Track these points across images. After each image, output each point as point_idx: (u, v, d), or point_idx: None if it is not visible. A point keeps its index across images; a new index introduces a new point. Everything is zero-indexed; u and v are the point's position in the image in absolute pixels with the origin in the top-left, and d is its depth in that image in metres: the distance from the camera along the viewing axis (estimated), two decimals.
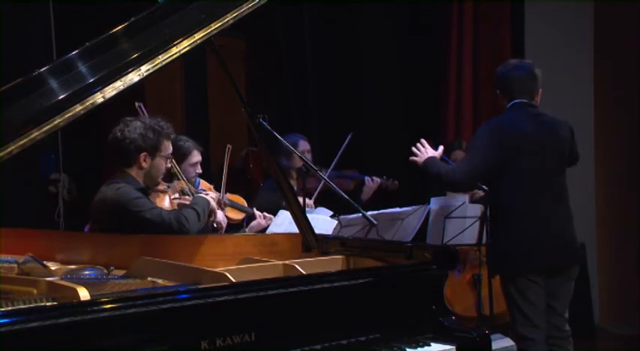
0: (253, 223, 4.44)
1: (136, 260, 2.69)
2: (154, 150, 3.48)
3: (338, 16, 6.42)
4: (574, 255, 3.91)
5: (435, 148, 4.09)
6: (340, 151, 5.21)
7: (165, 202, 3.68)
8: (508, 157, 3.79)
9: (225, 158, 4.26)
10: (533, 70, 3.94)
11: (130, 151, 3.45)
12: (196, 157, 4.29)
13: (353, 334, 2.41)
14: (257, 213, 4.46)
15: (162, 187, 3.69)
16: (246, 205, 4.56)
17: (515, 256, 3.78)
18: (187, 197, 3.73)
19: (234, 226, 4.40)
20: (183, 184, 3.84)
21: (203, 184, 4.37)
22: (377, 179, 5.45)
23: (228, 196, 4.37)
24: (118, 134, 3.49)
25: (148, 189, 3.55)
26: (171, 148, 3.60)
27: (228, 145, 4.31)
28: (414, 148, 4.08)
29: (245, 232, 4.38)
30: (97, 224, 3.46)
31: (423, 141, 4.09)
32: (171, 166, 3.72)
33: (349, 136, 5.25)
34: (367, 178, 5.42)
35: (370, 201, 5.32)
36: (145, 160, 3.47)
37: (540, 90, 3.97)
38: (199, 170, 4.32)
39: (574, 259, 3.91)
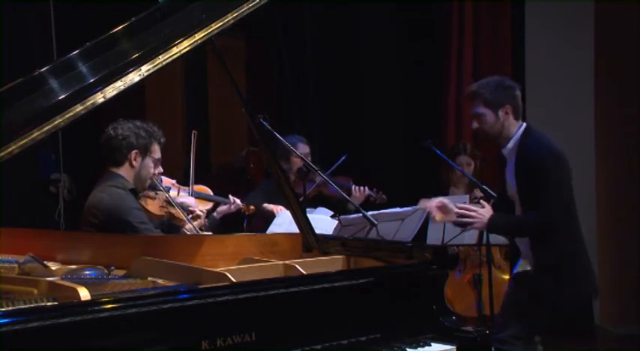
0: (221, 207, 4.53)
1: (137, 260, 2.69)
2: (144, 149, 3.58)
3: (338, 16, 6.42)
4: None
5: (436, 146, 4.04)
6: (332, 168, 5.12)
7: (154, 208, 3.77)
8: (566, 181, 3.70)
9: (192, 145, 4.26)
10: None
11: (122, 149, 3.55)
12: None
13: (353, 334, 2.41)
14: (227, 199, 4.52)
15: (151, 193, 3.79)
16: (211, 193, 4.60)
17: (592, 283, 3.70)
18: (172, 207, 3.79)
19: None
20: (166, 195, 3.87)
21: (166, 180, 4.41)
22: (364, 190, 5.28)
23: (195, 188, 4.40)
24: (111, 132, 3.58)
25: (138, 192, 3.60)
26: (160, 153, 3.65)
27: (193, 131, 4.29)
28: (460, 217, 3.70)
29: (214, 217, 4.48)
30: (88, 228, 3.50)
31: (461, 206, 3.77)
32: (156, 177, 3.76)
33: (344, 158, 5.17)
34: (354, 187, 5.26)
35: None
36: (135, 159, 3.56)
37: None
38: (160, 169, 4.31)
39: None
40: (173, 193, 4.25)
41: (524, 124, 3.81)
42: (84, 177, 5.36)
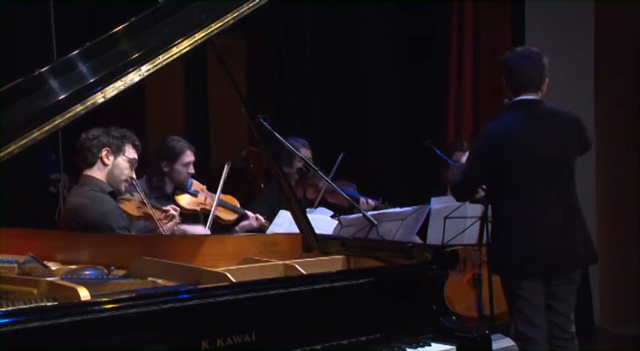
0: (244, 222, 4.50)
1: (137, 260, 2.69)
2: (116, 148, 3.58)
3: (338, 16, 6.42)
4: (575, 260, 3.81)
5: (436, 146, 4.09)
6: (333, 169, 5.13)
7: (131, 210, 3.84)
8: (505, 165, 3.71)
9: (224, 174, 4.39)
10: (542, 60, 3.82)
11: (92, 148, 3.57)
12: (189, 157, 4.32)
13: (353, 334, 2.41)
14: (250, 214, 4.50)
15: (127, 195, 3.86)
16: (238, 206, 4.58)
17: (513, 259, 3.72)
18: (147, 208, 3.85)
19: (226, 227, 4.49)
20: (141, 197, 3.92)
21: (196, 184, 4.41)
22: (372, 202, 5.27)
23: (221, 197, 4.43)
24: (84, 136, 3.61)
25: (116, 195, 3.63)
26: (135, 155, 3.66)
27: (228, 162, 4.46)
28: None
29: (236, 231, 4.45)
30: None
31: None
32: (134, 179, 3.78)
33: (341, 156, 5.20)
34: (362, 199, 5.24)
35: None
36: (107, 157, 3.56)
37: (547, 80, 3.84)
38: (192, 170, 4.34)
39: (575, 264, 3.83)
40: (200, 197, 4.29)
41: (517, 98, 3.83)
42: None
